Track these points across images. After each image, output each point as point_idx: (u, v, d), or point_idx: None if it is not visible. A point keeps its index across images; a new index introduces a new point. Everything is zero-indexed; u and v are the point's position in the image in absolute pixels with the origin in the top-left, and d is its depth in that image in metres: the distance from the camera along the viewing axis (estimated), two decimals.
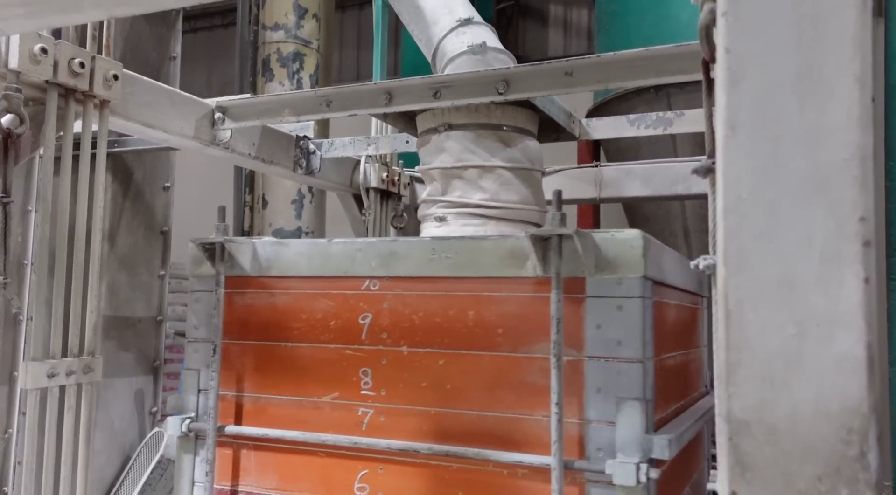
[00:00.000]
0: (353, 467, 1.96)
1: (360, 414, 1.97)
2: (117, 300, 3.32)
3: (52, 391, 2.02)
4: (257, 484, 2.05)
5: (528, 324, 1.84)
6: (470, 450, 1.82)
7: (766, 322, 0.94)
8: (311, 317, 2.06)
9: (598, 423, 1.74)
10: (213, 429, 2.04)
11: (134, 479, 3.09)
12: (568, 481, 1.72)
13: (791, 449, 0.93)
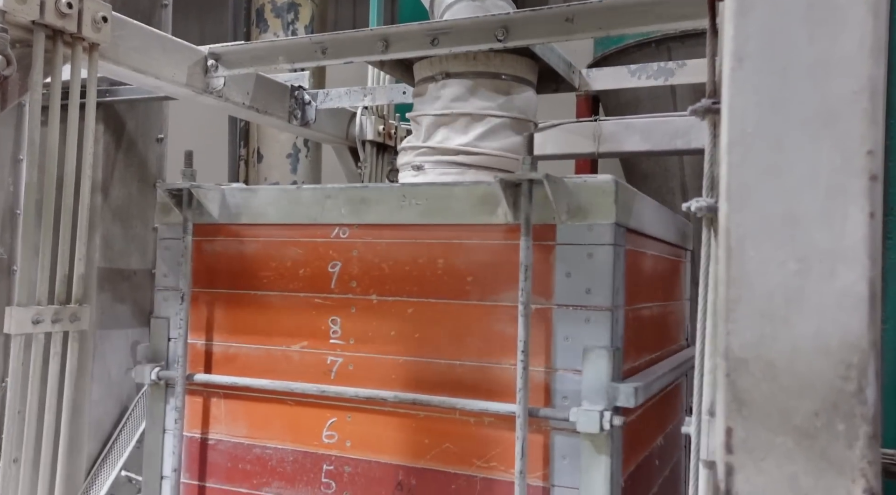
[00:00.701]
0: (322, 415, 1.95)
1: (328, 363, 1.95)
2: (112, 252, 3.30)
3: (38, 337, 2.00)
4: (227, 432, 2.05)
5: (498, 272, 1.80)
6: (436, 398, 1.80)
7: (767, 258, 0.93)
8: (281, 265, 2.02)
9: (565, 372, 1.71)
10: (182, 377, 2.03)
11: (132, 429, 3.11)
12: (533, 429, 1.71)
13: (789, 385, 0.91)
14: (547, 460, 1.71)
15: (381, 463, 1.87)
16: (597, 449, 1.64)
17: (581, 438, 1.66)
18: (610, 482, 1.63)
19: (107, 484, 2.92)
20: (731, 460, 0.94)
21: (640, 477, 1.97)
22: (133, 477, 2.95)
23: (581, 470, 1.65)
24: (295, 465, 1.95)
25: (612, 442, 1.64)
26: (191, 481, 2.07)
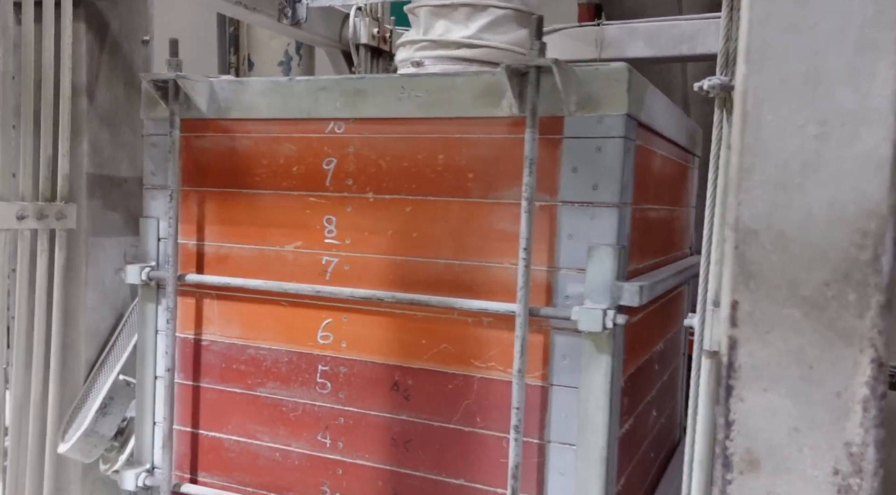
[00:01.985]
0: (317, 316, 1.90)
1: (323, 263, 1.89)
2: (100, 158, 3.20)
3: (23, 234, 1.93)
4: (220, 333, 2.01)
5: (501, 168, 1.72)
6: (434, 298, 1.75)
7: (785, 122, 0.88)
8: (273, 162, 1.94)
9: (568, 271, 1.66)
10: (174, 277, 1.98)
11: (127, 335, 3.09)
12: (533, 329, 1.67)
13: (800, 255, 0.87)
14: (546, 360, 1.67)
15: (377, 363, 1.84)
16: (598, 349, 1.61)
17: (582, 337, 1.62)
18: (610, 381, 1.61)
19: (105, 387, 2.91)
20: (734, 333, 0.91)
21: (639, 381, 1.95)
22: (131, 380, 2.94)
23: (581, 370, 1.62)
24: (290, 366, 1.93)
25: (613, 341, 1.61)
26: (184, 381, 2.05)
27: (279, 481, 1.93)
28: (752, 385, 0.90)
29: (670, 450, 2.55)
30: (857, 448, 0.86)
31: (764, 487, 0.90)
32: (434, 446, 1.77)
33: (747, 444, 0.90)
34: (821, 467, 0.87)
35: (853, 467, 0.86)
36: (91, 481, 3.38)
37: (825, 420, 0.87)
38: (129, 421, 2.95)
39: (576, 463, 1.62)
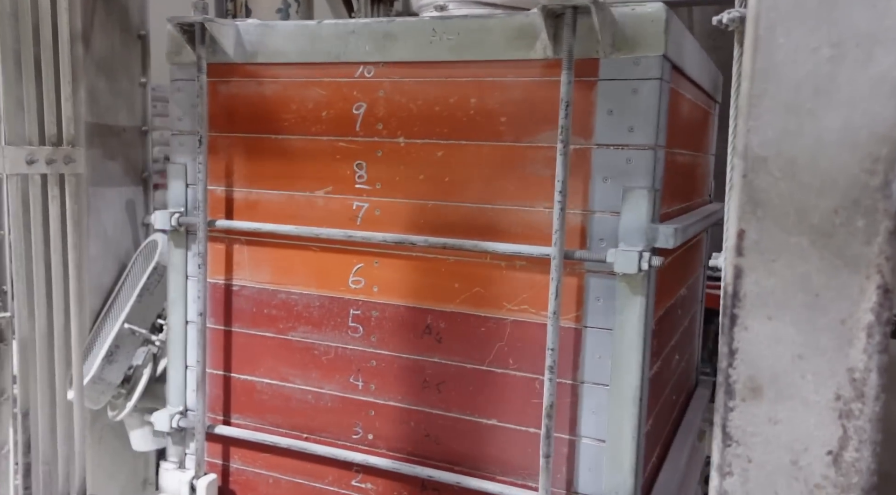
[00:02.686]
0: (349, 261, 1.92)
1: (354, 209, 1.90)
2: (98, 107, 3.16)
3: (34, 179, 1.93)
4: (251, 278, 2.02)
5: (535, 111, 1.71)
6: (468, 242, 1.76)
7: (798, 45, 0.87)
8: (302, 107, 1.92)
9: (602, 214, 1.67)
10: (204, 222, 1.98)
11: (131, 285, 3.10)
12: (567, 272, 1.68)
13: (809, 182, 0.87)
14: (580, 302, 1.70)
15: (409, 307, 1.86)
16: (632, 290, 1.63)
17: (617, 280, 1.64)
18: (644, 322, 1.63)
19: (110, 336, 2.94)
20: (740, 263, 0.92)
21: (666, 324, 1.99)
22: (136, 329, 2.97)
23: (616, 311, 1.65)
24: (321, 310, 1.95)
25: (647, 283, 1.63)
26: (216, 326, 2.07)
27: (312, 422, 1.97)
28: (756, 313, 0.92)
29: (689, 394, 2.60)
30: (860, 374, 0.88)
31: (765, 413, 0.92)
32: (466, 388, 1.81)
33: (750, 372, 0.93)
34: (823, 393, 0.90)
35: (855, 392, 0.89)
36: (99, 427, 3.44)
37: (829, 347, 0.89)
38: (135, 369, 2.99)
39: (609, 402, 1.66)
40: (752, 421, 0.96)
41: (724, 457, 0.96)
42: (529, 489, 1.72)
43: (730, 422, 0.95)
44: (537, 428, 1.70)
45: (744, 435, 0.94)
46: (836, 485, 0.90)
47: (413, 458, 1.87)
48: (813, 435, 0.91)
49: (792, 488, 0.92)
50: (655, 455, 1.98)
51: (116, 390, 2.98)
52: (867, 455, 0.89)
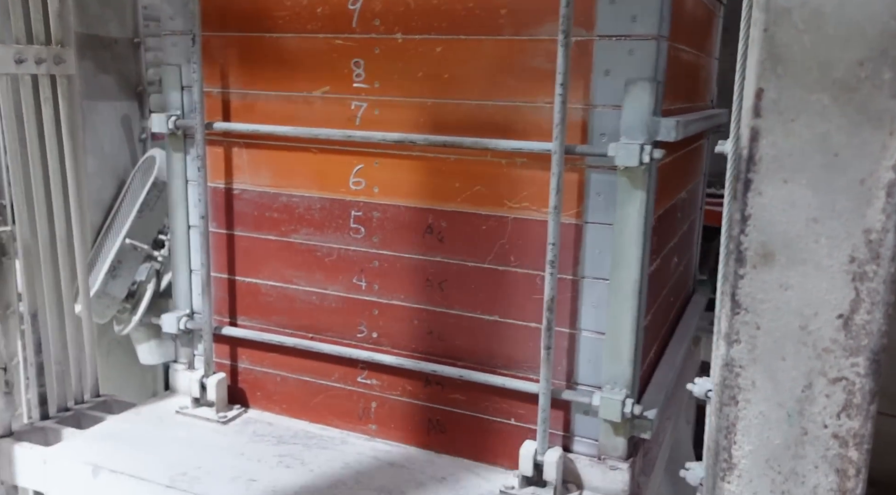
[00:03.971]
0: (349, 162, 1.91)
1: (353, 108, 1.87)
2: (87, 17, 3.07)
3: (24, 79, 1.89)
4: (251, 182, 2.02)
5: (534, 2, 1.66)
6: (468, 140, 1.75)
7: None
8: (296, 3, 1.87)
9: (604, 108, 1.65)
10: (201, 124, 1.96)
11: (131, 201, 3.10)
12: (567, 167, 1.67)
13: (834, 34, 0.84)
14: (581, 197, 1.70)
15: (410, 207, 1.86)
16: (633, 184, 1.63)
17: (618, 174, 1.63)
18: (644, 217, 1.64)
19: (112, 251, 2.96)
20: (757, 124, 0.90)
21: (666, 223, 1.99)
22: (137, 244, 2.99)
23: (617, 206, 1.65)
24: (323, 212, 1.95)
25: (648, 177, 1.62)
26: (218, 230, 2.08)
27: (317, 323, 2.01)
28: (772, 177, 0.91)
29: (685, 299, 2.64)
30: (877, 234, 0.88)
31: (776, 280, 0.93)
32: (468, 285, 1.83)
33: (762, 238, 0.93)
34: (837, 256, 0.90)
35: (870, 254, 0.89)
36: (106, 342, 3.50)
37: (846, 208, 0.89)
38: (138, 284, 3.02)
39: (609, 296, 1.68)
40: (762, 288, 0.96)
41: (732, 326, 0.97)
42: (531, 381, 1.77)
43: (739, 290, 0.95)
44: (538, 322, 1.74)
45: (753, 302, 0.95)
46: (846, 349, 0.91)
47: (416, 355, 1.91)
48: (824, 299, 0.91)
49: (800, 353, 0.94)
50: (653, 351, 2.03)
51: (121, 305, 3.03)
52: (878, 316, 0.90)
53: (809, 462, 0.94)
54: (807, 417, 0.94)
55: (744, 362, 0.95)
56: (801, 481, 0.94)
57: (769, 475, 0.95)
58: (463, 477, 1.80)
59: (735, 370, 0.96)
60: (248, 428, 2.02)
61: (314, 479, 1.77)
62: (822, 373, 0.94)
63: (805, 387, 0.93)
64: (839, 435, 0.94)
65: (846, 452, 0.93)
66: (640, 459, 1.78)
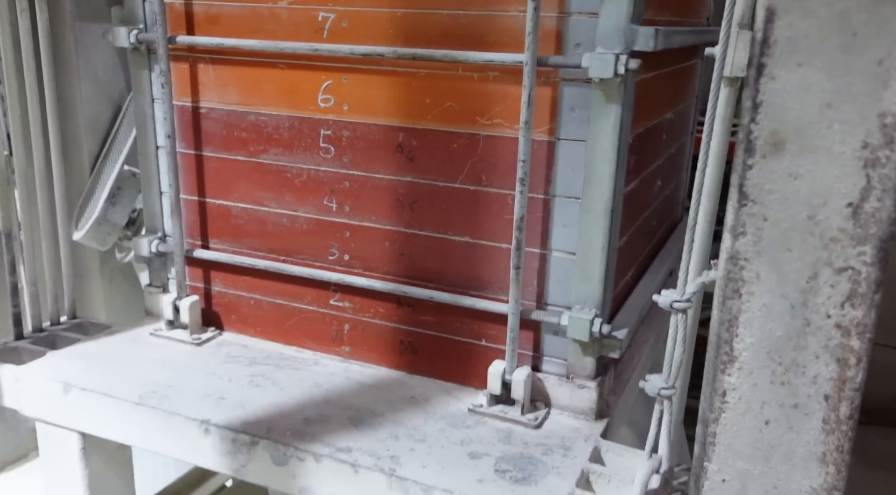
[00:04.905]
0: (317, 78, 1.84)
1: (320, 20, 1.79)
2: None
3: None
4: (218, 100, 1.95)
5: None
6: (437, 52, 1.67)
7: None
8: None
9: (579, 16, 1.56)
10: (164, 38, 1.88)
11: (128, 127, 3.04)
12: (541, 81, 1.60)
13: None
14: (554, 113, 1.63)
15: (380, 125, 1.80)
16: (608, 98, 1.56)
17: (592, 87, 1.56)
18: (619, 132, 1.57)
19: (111, 178, 2.92)
20: (773, 4, 0.84)
21: (647, 143, 1.93)
22: (136, 171, 2.95)
23: (590, 121, 1.58)
24: (292, 131, 1.89)
25: (624, 90, 1.55)
26: (186, 150, 2.03)
27: (288, 245, 1.98)
28: (786, 61, 0.85)
29: (671, 226, 2.59)
30: (892, 118, 0.83)
31: (786, 169, 0.89)
32: (439, 206, 1.79)
33: (773, 126, 0.88)
34: (849, 142, 0.85)
35: (884, 139, 0.84)
36: (109, 269, 3.49)
37: (861, 91, 0.83)
38: (138, 212, 3.00)
39: (580, 215, 1.64)
40: (771, 178, 0.92)
41: (739, 218, 0.93)
42: (501, 302, 1.75)
43: (747, 181, 0.91)
44: (509, 243, 1.70)
45: (761, 193, 0.91)
46: (853, 237, 0.88)
47: (388, 277, 1.89)
48: (833, 187, 0.87)
49: (806, 243, 0.90)
50: (630, 274, 2.00)
51: (122, 232, 3.01)
52: (888, 204, 0.86)
53: (811, 352, 0.92)
54: (810, 308, 0.92)
55: (749, 255, 0.92)
56: (801, 371, 0.92)
57: (769, 366, 0.94)
58: (433, 397, 1.80)
59: (740, 263, 0.93)
60: (221, 349, 2.02)
61: (284, 398, 1.77)
62: (827, 263, 0.91)
63: (810, 278, 0.90)
64: (842, 325, 0.92)
65: (848, 342, 0.92)
66: (610, 379, 1.77)
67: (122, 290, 3.72)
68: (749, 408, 0.97)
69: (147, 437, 1.72)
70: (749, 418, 0.97)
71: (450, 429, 1.67)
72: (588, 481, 1.51)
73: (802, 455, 0.94)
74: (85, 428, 1.80)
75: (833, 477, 0.93)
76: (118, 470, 1.95)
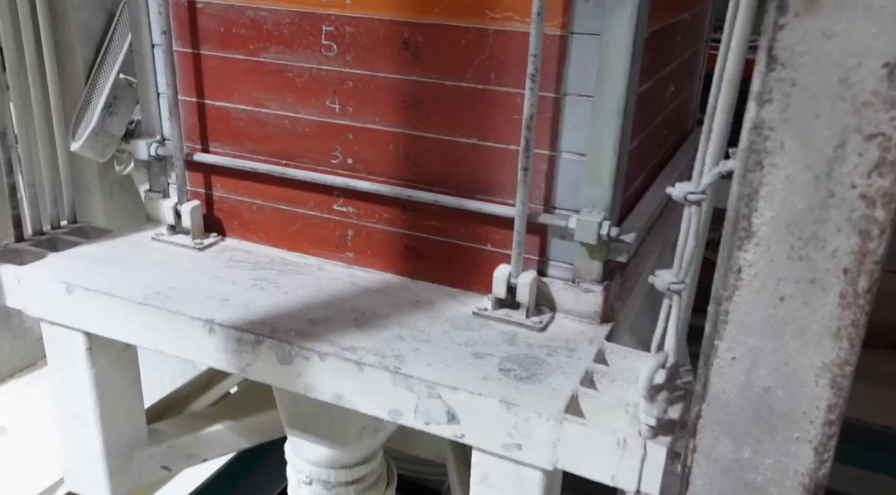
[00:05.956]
0: None
1: None
2: None
3: None
4: None
5: None
6: None
7: None
8: None
9: None
10: None
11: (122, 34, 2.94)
12: None
13: None
14: (568, 5, 1.55)
15: (385, 20, 1.72)
16: None
17: None
18: (635, 26, 1.50)
19: (107, 87, 2.85)
20: None
21: (663, 43, 1.85)
22: (131, 79, 2.87)
23: (605, 13, 1.51)
24: (292, 27, 1.82)
25: None
26: (183, 49, 1.95)
27: (290, 148, 1.93)
28: None
29: (682, 137, 2.53)
30: None
31: (820, 27, 0.83)
32: (446, 106, 1.73)
33: None
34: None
35: None
36: (108, 182, 3.45)
37: None
38: (136, 123, 2.93)
39: (592, 114, 1.59)
40: (803, 38, 0.85)
41: (766, 84, 0.88)
42: (507, 205, 1.72)
43: (777, 43, 0.85)
44: (517, 145, 1.65)
45: (791, 55, 0.85)
46: (886, 101, 0.83)
47: (393, 181, 1.85)
48: (870, 47, 0.81)
49: (836, 108, 0.85)
50: (639, 181, 1.96)
51: (120, 143, 2.95)
52: None
53: (832, 225, 0.89)
54: (835, 178, 0.87)
55: (774, 123, 0.88)
56: (821, 245, 0.89)
57: (788, 241, 0.91)
58: (438, 301, 1.80)
59: (764, 133, 0.88)
60: (224, 254, 2.01)
61: (287, 300, 1.76)
62: (857, 130, 0.86)
63: (837, 147, 0.86)
64: (867, 195, 0.88)
65: (872, 212, 0.88)
66: (616, 284, 1.76)
67: (121, 203, 3.69)
68: (764, 285, 0.95)
69: (151, 337, 1.73)
70: (763, 295, 0.95)
71: (454, 331, 1.66)
72: (592, 380, 1.51)
73: (816, 330, 0.92)
74: (90, 327, 1.80)
75: (846, 352, 0.91)
76: (124, 372, 1.97)
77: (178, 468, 2.22)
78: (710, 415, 1.10)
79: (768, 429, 1.05)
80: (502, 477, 1.47)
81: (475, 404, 1.43)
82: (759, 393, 1.03)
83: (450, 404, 1.46)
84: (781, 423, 1.03)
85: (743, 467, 1.10)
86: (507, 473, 1.46)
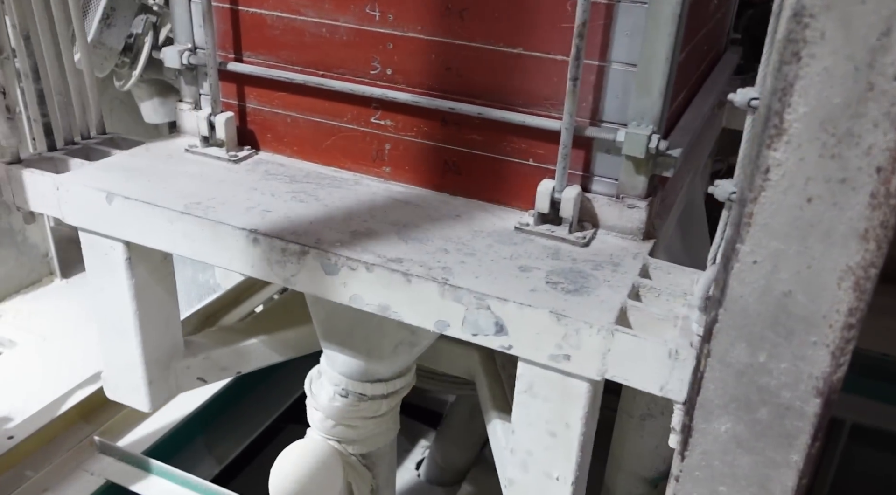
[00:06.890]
0: None
1: None
2: None
3: None
4: None
5: None
6: None
7: None
8: None
9: None
10: None
11: None
12: None
13: None
14: None
15: None
16: None
17: None
18: None
19: None
20: None
21: None
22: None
23: None
24: None
25: None
26: None
27: (327, 58, 1.88)
28: None
29: (717, 56, 2.47)
30: None
31: None
32: (491, 14, 1.68)
33: None
34: None
35: None
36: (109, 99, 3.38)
37: None
38: (135, 37, 2.85)
39: (646, 22, 1.54)
40: None
41: None
42: (553, 119, 1.69)
43: None
44: (565, 55, 1.61)
45: None
46: None
47: (433, 93, 1.81)
48: None
49: None
50: (683, 95, 1.92)
51: (119, 58, 2.87)
52: None
53: (869, 120, 0.86)
54: (876, 69, 0.84)
55: (815, 10, 0.83)
56: (855, 142, 0.87)
57: (821, 138, 0.88)
58: (478, 216, 1.79)
59: (804, 20, 0.84)
60: (259, 167, 1.99)
61: (328, 212, 1.76)
62: None
63: (882, 34, 0.81)
64: None
65: None
66: (658, 201, 1.75)
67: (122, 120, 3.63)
68: (792, 185, 0.92)
69: (193, 246, 1.73)
70: (791, 195, 0.92)
71: (498, 245, 1.67)
72: (638, 294, 1.53)
73: (843, 232, 0.90)
74: (130, 236, 1.80)
75: (872, 254, 0.90)
76: (162, 283, 1.98)
77: (213, 379, 2.26)
78: (727, 320, 1.07)
79: (785, 334, 1.03)
80: (548, 388, 1.50)
81: (524, 315, 1.45)
82: (779, 297, 1.00)
83: (498, 315, 1.47)
84: (799, 327, 1.01)
85: (757, 371, 1.09)
86: (554, 384, 1.49)
